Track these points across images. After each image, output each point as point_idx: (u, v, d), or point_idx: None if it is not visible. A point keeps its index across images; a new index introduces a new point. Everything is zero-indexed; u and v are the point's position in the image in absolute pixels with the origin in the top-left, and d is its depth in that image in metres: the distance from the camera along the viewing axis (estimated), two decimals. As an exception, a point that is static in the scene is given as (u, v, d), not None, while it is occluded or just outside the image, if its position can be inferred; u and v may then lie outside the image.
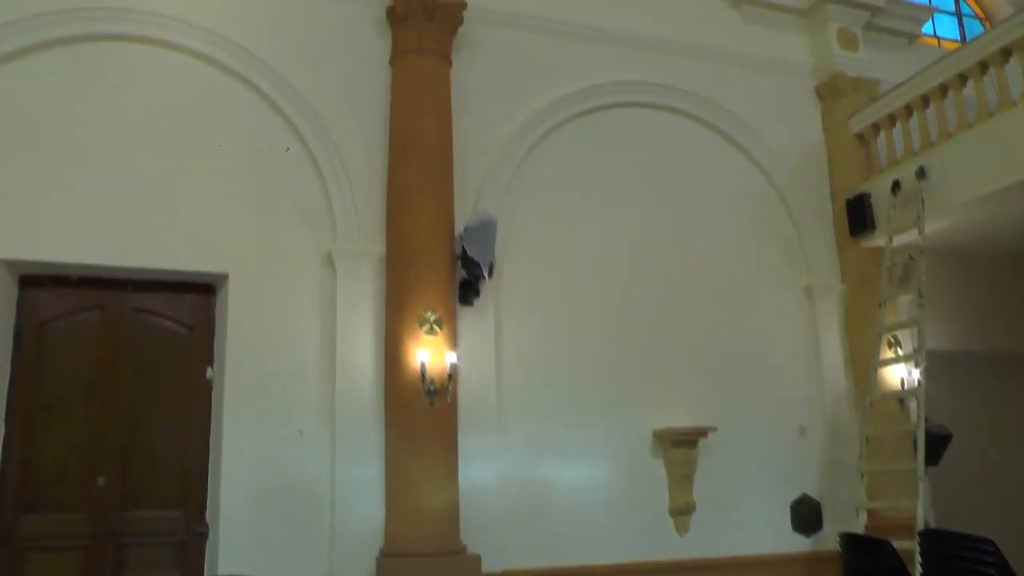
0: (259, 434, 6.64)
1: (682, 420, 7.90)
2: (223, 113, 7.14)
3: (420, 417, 6.68)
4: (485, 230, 7.10)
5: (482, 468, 7.09)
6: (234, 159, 7.07)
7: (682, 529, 7.77)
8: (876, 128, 9.03)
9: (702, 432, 7.85)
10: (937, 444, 7.67)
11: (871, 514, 7.89)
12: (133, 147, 6.78)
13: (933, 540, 6.51)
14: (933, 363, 7.98)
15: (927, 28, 11.02)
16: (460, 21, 7.75)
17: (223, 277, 6.91)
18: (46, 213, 6.46)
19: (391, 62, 7.65)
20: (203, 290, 7.06)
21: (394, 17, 7.61)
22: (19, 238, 6.36)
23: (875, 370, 8.03)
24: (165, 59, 7.08)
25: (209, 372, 6.93)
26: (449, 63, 7.69)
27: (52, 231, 6.45)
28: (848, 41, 9.65)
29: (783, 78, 9.51)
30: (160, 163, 6.83)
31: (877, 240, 8.62)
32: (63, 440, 6.51)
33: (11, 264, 6.41)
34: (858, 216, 8.81)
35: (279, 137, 7.26)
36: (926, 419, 7.33)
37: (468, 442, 7.01)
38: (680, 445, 7.79)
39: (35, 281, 6.64)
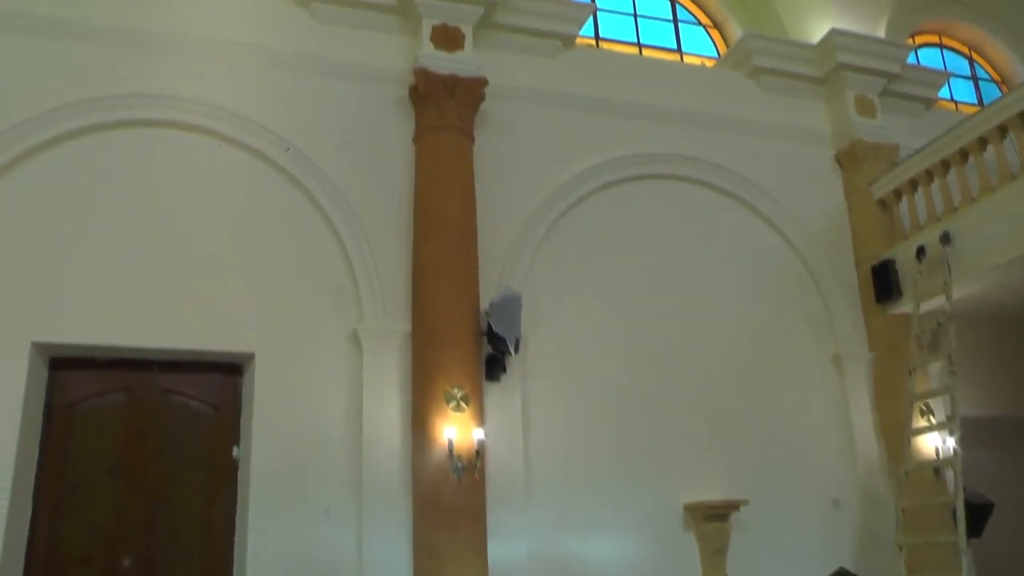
0: (285, 513, 6.59)
1: (713, 493, 7.77)
2: (249, 193, 7.26)
3: (448, 494, 6.63)
4: (510, 305, 7.11)
5: (511, 544, 6.98)
6: (259, 239, 7.16)
7: (717, 606, 7.58)
8: (898, 194, 9.02)
9: (734, 505, 7.70)
10: (978, 514, 7.47)
11: (912, 588, 7.66)
12: (159, 229, 6.90)
13: (980, 616, 6.31)
14: (967, 430, 7.79)
15: (944, 93, 11.09)
16: (482, 98, 7.89)
17: (249, 357, 6.94)
18: (76, 296, 6.55)
19: (414, 140, 7.77)
20: (230, 370, 7.10)
21: (416, 96, 7.75)
22: (49, 321, 6.44)
23: (908, 439, 7.84)
24: (189, 142, 7.24)
25: (235, 451, 6.91)
26: (472, 139, 7.81)
27: (81, 314, 6.53)
28: (866, 107, 9.69)
29: (802, 146, 9.55)
30: (186, 244, 6.93)
31: (904, 307, 8.54)
32: (88, 521, 6.48)
33: (42, 347, 6.46)
34: (884, 283, 8.75)
35: (305, 218, 7.36)
36: (965, 488, 7.16)
37: (496, 518, 6.92)
38: (712, 519, 7.64)
39: (64, 363, 6.69)
